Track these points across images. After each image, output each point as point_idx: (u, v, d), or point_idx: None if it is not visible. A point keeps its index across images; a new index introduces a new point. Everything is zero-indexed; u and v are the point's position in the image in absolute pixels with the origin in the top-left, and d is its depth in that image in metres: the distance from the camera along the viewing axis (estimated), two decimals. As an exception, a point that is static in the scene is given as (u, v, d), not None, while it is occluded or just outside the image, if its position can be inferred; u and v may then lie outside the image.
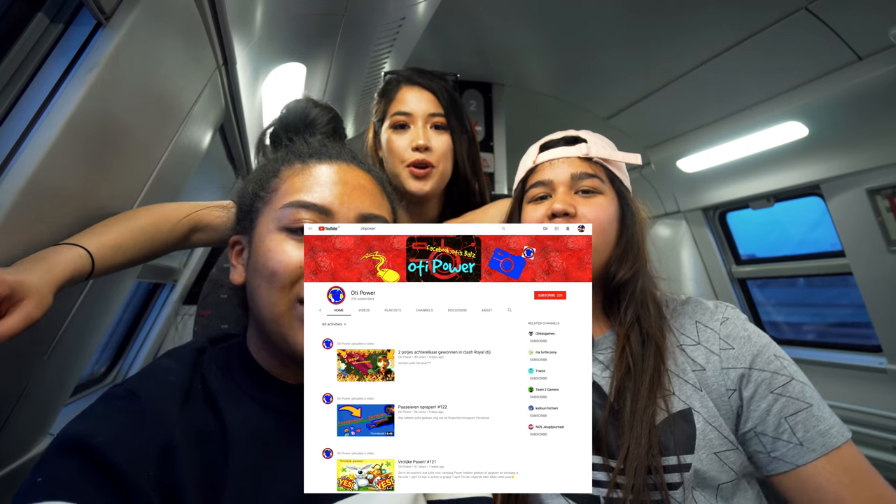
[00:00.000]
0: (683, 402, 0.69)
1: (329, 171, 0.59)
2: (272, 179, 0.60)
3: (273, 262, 0.54)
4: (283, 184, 0.59)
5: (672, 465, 0.66)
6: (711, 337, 0.73)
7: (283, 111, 0.72)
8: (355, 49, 1.54)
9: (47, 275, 0.59)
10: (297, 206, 0.56)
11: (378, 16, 1.40)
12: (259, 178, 0.62)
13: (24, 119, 0.65)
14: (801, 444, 0.64)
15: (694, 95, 2.13)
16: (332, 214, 0.56)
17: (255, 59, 1.27)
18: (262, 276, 0.55)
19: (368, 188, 0.61)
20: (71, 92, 0.66)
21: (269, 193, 0.59)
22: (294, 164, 0.61)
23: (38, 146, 0.63)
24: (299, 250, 0.54)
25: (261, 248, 0.56)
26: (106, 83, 0.70)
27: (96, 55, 0.68)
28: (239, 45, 1.11)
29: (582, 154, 0.79)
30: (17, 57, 0.68)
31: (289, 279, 0.53)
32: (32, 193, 0.63)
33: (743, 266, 2.63)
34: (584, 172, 0.78)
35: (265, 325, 0.56)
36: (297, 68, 1.48)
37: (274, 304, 0.54)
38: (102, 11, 0.67)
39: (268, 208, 0.58)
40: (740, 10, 1.63)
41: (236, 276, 0.61)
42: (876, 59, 1.58)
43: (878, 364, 2.03)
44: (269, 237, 0.56)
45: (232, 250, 0.63)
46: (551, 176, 0.79)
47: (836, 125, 1.82)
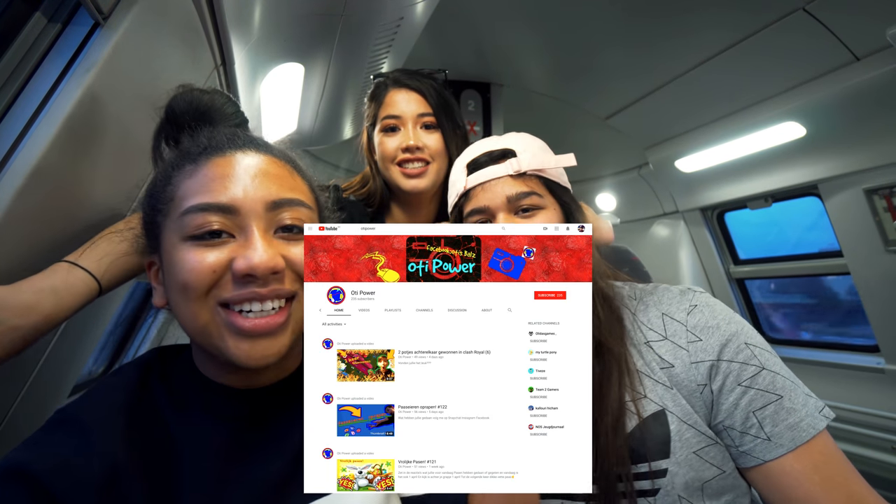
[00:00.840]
0: (656, 404, 0.67)
1: (224, 164, 0.53)
2: (166, 188, 0.55)
3: (183, 274, 0.50)
4: (177, 190, 0.53)
5: (643, 472, 0.65)
6: (678, 330, 0.70)
7: (166, 108, 0.61)
8: (354, 49, 1.54)
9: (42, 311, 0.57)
10: (195, 210, 0.50)
11: (376, 16, 1.40)
12: (153, 190, 0.57)
13: (21, 119, 0.65)
14: (768, 439, 0.62)
15: (692, 96, 2.14)
16: (236, 210, 0.51)
17: (254, 59, 1.26)
18: (177, 290, 0.51)
19: (274, 172, 0.55)
20: (68, 92, 0.66)
21: (166, 204, 0.54)
22: (185, 167, 0.54)
23: (35, 146, 0.63)
24: (208, 256, 0.50)
25: (170, 264, 0.52)
26: (104, 83, 0.69)
27: (94, 55, 0.68)
28: (237, 45, 1.11)
29: (513, 171, 0.74)
30: (15, 57, 0.67)
31: (202, 288, 0.50)
32: (30, 193, 0.63)
33: (741, 266, 2.63)
34: (519, 192, 0.73)
35: (195, 338, 0.53)
36: (295, 68, 1.48)
37: (195, 316, 0.51)
38: (100, 11, 0.67)
39: (168, 220, 0.53)
40: (738, 10, 1.63)
41: (157, 299, 0.57)
42: (873, 59, 1.59)
43: (876, 364, 2.04)
44: (175, 250, 0.51)
45: (149, 272, 0.59)
46: (486, 202, 0.75)
47: (834, 125, 1.83)
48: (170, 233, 0.53)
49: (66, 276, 0.61)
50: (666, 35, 1.85)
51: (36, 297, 0.57)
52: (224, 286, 0.50)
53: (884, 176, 1.77)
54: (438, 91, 1.12)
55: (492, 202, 0.74)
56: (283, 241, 0.53)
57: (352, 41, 1.48)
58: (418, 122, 1.09)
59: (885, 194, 1.80)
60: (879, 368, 2.02)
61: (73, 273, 0.62)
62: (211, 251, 0.50)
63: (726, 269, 2.68)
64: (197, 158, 0.55)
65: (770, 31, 1.66)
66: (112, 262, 0.66)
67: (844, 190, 1.91)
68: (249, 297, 0.50)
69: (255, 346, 0.50)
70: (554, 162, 0.77)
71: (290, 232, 0.54)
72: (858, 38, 1.57)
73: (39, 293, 0.58)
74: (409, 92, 1.10)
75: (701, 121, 2.27)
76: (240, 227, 0.52)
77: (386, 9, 1.38)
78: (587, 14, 1.82)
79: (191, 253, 0.50)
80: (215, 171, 0.53)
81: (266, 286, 0.50)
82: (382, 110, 1.11)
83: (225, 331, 0.50)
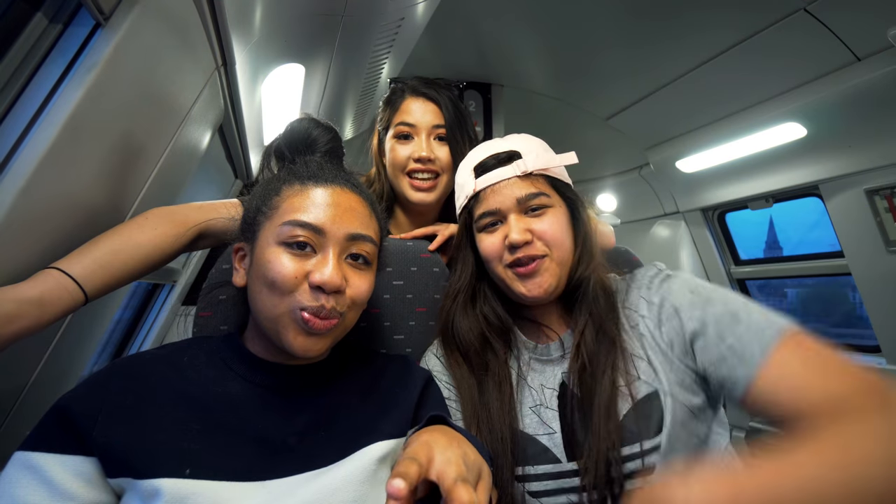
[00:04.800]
0: (648, 384, 0.70)
1: (324, 194, 0.66)
2: (273, 197, 0.67)
3: (272, 272, 0.61)
4: (283, 202, 0.65)
5: (635, 453, 0.66)
6: (645, 305, 0.74)
7: (286, 129, 0.77)
8: (354, 49, 1.54)
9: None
10: (294, 224, 0.62)
11: (377, 16, 1.40)
12: (263, 194, 0.69)
13: (23, 119, 0.65)
14: (741, 358, 0.62)
15: (693, 96, 2.14)
16: (323, 233, 0.63)
17: (255, 59, 1.27)
18: (264, 283, 0.62)
19: (358, 210, 0.68)
20: (70, 92, 0.66)
21: (270, 210, 0.66)
22: (294, 185, 0.67)
23: (37, 146, 0.63)
24: (294, 262, 0.61)
25: (262, 259, 0.63)
26: (105, 84, 0.70)
27: (95, 55, 0.68)
28: (238, 46, 1.11)
29: (520, 172, 0.78)
30: (16, 57, 0.68)
31: (287, 288, 0.60)
32: (31, 194, 0.63)
33: (742, 266, 2.63)
34: (528, 193, 0.77)
35: (264, 322, 0.64)
36: (296, 69, 1.48)
37: (274, 307, 0.61)
38: (101, 12, 0.67)
39: (269, 223, 0.65)
40: (739, 11, 1.63)
41: (238, 279, 0.68)
42: (874, 59, 1.58)
43: (877, 364, 2.03)
44: (269, 249, 0.62)
45: (235, 255, 0.70)
46: (497, 204, 0.78)
47: (835, 126, 1.82)
48: (267, 233, 0.64)
49: (53, 287, 0.62)
50: (667, 35, 1.84)
51: (18, 309, 0.58)
52: (302, 292, 0.61)
53: (885, 176, 1.76)
54: (455, 103, 1.13)
55: (502, 204, 0.78)
56: (349, 267, 0.65)
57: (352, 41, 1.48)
58: (432, 134, 1.10)
59: (887, 195, 1.79)
60: (881, 369, 2.02)
61: (60, 282, 0.64)
62: (297, 261, 0.61)
63: (727, 269, 2.67)
64: (305, 181, 0.67)
65: (771, 31, 1.65)
66: (102, 270, 0.69)
67: (845, 190, 1.91)
68: (317, 310, 0.61)
69: (309, 341, 0.62)
70: (557, 160, 0.80)
71: (356, 261, 0.66)
72: (860, 39, 1.56)
73: (22, 304, 0.58)
74: (427, 102, 1.11)
75: (702, 121, 2.27)
76: (322, 246, 0.63)
77: (386, 9, 1.38)
78: (588, 14, 1.82)
79: (281, 256, 0.61)
80: (316, 198, 0.65)
81: (330, 301, 0.61)
82: (397, 116, 1.11)
83: (292, 324, 0.61)
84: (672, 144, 2.50)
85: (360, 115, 2.22)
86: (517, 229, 0.75)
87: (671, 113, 2.32)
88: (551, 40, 2.06)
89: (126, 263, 0.72)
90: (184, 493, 0.52)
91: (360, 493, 0.59)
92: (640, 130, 2.57)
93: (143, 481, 0.52)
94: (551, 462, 0.72)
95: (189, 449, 0.56)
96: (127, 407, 0.57)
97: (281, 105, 1.67)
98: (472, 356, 0.81)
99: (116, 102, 0.75)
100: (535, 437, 0.74)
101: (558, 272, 0.76)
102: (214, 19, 0.96)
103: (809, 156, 1.97)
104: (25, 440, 0.54)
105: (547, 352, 0.80)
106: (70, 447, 0.53)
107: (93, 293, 0.67)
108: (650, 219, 3.10)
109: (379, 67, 1.77)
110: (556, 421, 0.74)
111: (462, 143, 1.12)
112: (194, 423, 0.58)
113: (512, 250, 0.75)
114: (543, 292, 0.75)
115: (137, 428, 0.56)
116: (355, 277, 0.65)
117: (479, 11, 1.89)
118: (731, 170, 2.32)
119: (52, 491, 0.51)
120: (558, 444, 0.72)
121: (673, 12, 1.71)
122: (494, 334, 0.82)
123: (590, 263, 0.78)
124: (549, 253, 0.75)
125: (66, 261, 0.66)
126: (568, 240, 0.77)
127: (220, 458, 0.57)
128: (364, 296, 0.67)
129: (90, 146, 0.73)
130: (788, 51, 1.71)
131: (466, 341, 0.81)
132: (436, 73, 2.68)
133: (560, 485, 0.70)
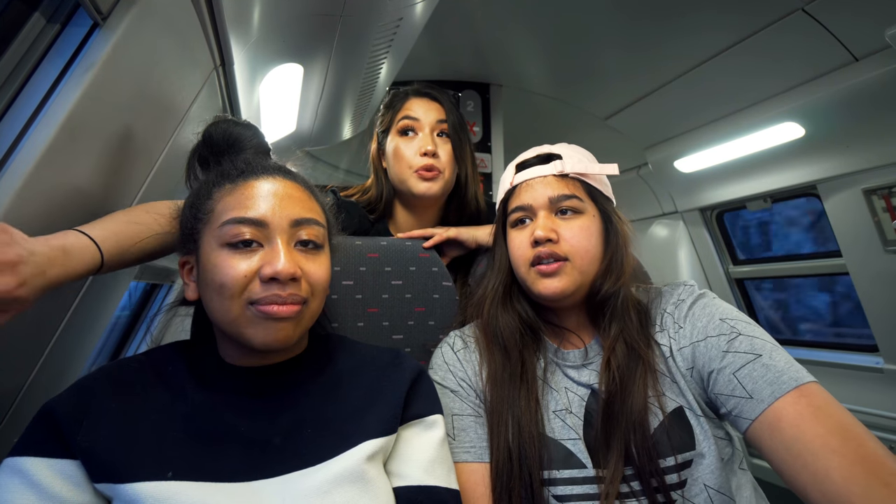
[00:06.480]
0: (674, 401, 0.71)
1: (259, 187, 0.64)
2: (207, 201, 0.65)
3: (221, 275, 0.60)
4: (217, 204, 0.64)
5: (670, 466, 0.67)
6: (669, 322, 0.76)
7: (204, 134, 0.73)
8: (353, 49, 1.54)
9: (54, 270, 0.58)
10: (234, 222, 0.61)
11: (375, 16, 1.40)
12: (193, 202, 0.67)
13: (20, 119, 0.65)
14: (750, 396, 0.63)
15: (691, 96, 2.14)
16: (266, 225, 0.62)
17: (253, 59, 1.27)
18: (213, 289, 0.61)
19: (297, 196, 0.66)
20: (68, 92, 0.66)
21: (206, 214, 0.64)
22: (224, 186, 0.66)
23: (34, 146, 0.63)
24: (241, 261, 0.60)
25: (208, 265, 0.62)
26: (103, 83, 0.69)
27: (93, 55, 0.68)
28: (236, 46, 1.11)
29: (557, 171, 0.79)
30: (14, 57, 0.67)
31: (237, 289, 0.59)
32: (29, 193, 0.63)
33: (740, 266, 2.63)
34: (561, 194, 0.77)
35: (224, 328, 0.63)
36: (294, 69, 1.48)
37: (228, 310, 0.60)
38: (99, 12, 0.67)
39: (208, 228, 0.64)
40: (737, 11, 1.63)
41: (190, 293, 0.67)
42: (872, 60, 1.59)
43: (875, 364, 2.04)
44: (214, 254, 0.61)
45: (182, 269, 0.69)
46: (529, 200, 0.79)
47: (833, 126, 1.83)
48: (208, 238, 0.63)
49: (74, 241, 0.62)
50: (665, 35, 1.85)
51: (50, 256, 0.57)
52: (253, 288, 0.60)
53: (882, 176, 1.77)
54: (455, 106, 1.17)
55: (535, 200, 0.79)
56: (300, 254, 0.64)
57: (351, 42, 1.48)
58: (436, 129, 1.12)
59: (884, 194, 1.80)
60: (878, 368, 2.02)
61: (80, 239, 0.63)
62: (244, 259, 0.60)
63: (725, 269, 2.68)
64: (235, 179, 0.65)
65: (769, 31, 1.66)
66: (115, 237, 0.68)
67: (843, 190, 1.91)
68: (273, 299, 0.59)
69: (270, 332, 0.60)
70: (597, 169, 0.81)
71: (306, 246, 0.65)
72: (857, 39, 1.57)
73: (53, 250, 0.57)
74: (430, 101, 1.14)
75: (700, 121, 2.27)
76: (268, 238, 0.62)
77: (385, 9, 1.38)
78: (587, 14, 1.82)
79: (228, 259, 0.60)
80: (250, 192, 0.63)
81: (285, 290, 0.60)
82: (400, 114, 1.14)
83: (251, 320, 0.60)
84: (670, 144, 2.50)
85: (358, 115, 2.22)
86: (543, 225, 0.76)
87: (670, 113, 2.32)
88: (550, 40, 2.06)
89: (139, 234, 0.71)
90: (165, 496, 0.52)
91: (350, 493, 0.58)
92: (639, 130, 2.58)
93: (124, 486, 0.52)
94: (576, 467, 0.72)
95: (171, 454, 0.56)
96: (111, 413, 0.57)
97: (279, 105, 1.67)
98: (510, 349, 0.81)
99: (114, 102, 0.75)
100: (561, 442, 0.74)
101: (579, 279, 0.76)
102: (212, 19, 0.96)
103: (807, 156, 1.97)
104: (14, 446, 0.54)
105: (568, 357, 0.81)
106: (56, 451, 0.54)
107: (108, 258, 0.66)
108: (648, 218, 3.11)
109: (377, 67, 1.77)
110: (581, 428, 0.74)
111: (463, 143, 1.13)
112: (177, 430, 0.59)
113: (535, 245, 0.76)
114: (559, 292, 0.75)
115: (121, 434, 0.56)
116: (309, 264, 0.64)
117: (477, 11, 1.89)
118: (730, 170, 2.33)
119: (41, 494, 0.51)
120: (582, 451, 0.72)
121: (672, 12, 1.71)
122: (528, 332, 0.83)
123: (619, 278, 0.77)
124: (570, 258, 0.76)
125: (84, 226, 0.66)
126: (594, 249, 0.77)
127: (204, 460, 0.57)
128: (322, 281, 0.65)
129: (88, 146, 0.73)
130: (787, 51, 1.71)
131: (506, 335, 0.82)
132: (434, 73, 2.67)
133: (586, 490, 0.70)
